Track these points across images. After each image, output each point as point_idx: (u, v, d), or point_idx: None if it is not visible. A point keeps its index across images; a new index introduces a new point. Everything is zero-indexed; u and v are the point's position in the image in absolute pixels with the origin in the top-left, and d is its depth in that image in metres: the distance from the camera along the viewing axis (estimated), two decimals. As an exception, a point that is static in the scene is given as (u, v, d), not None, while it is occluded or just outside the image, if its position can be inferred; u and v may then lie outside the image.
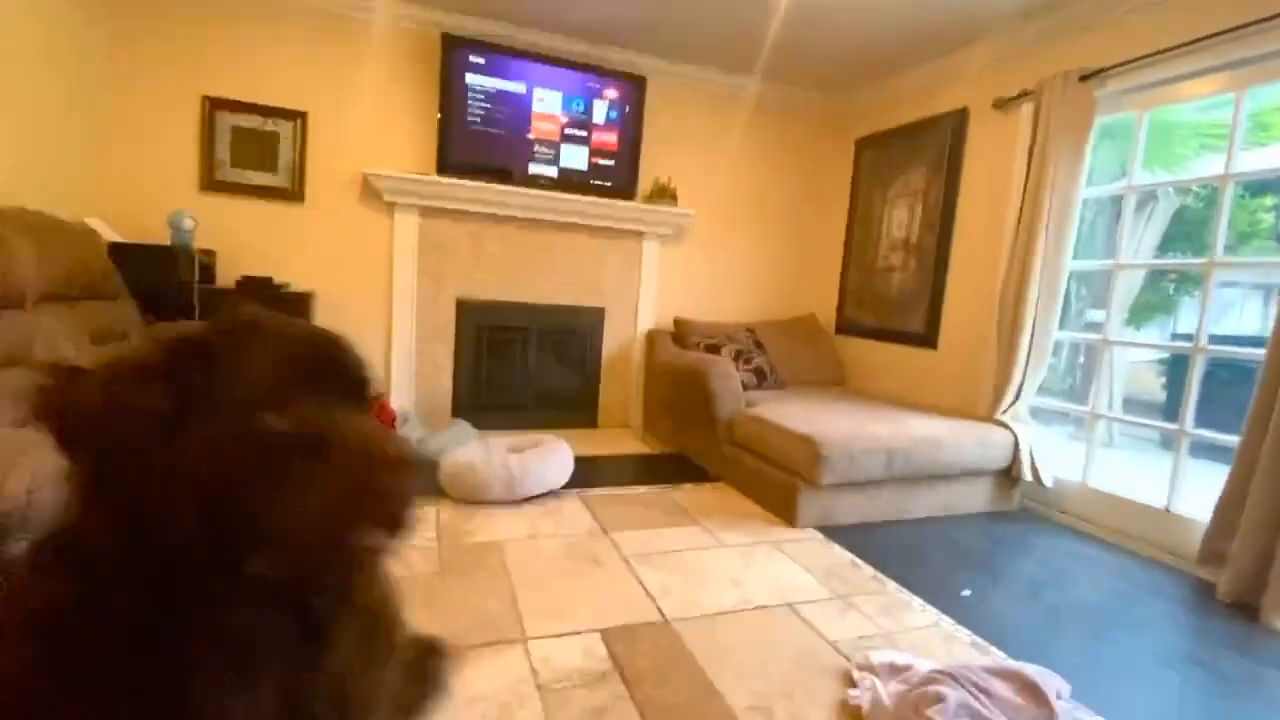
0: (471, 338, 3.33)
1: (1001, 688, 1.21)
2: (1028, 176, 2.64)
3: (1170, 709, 1.41)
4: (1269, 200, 4.67)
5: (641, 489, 2.62)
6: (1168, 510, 2.32)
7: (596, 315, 3.59)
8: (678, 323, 3.60)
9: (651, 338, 3.64)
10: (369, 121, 3.08)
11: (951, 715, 1.10)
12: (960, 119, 3.08)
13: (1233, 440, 2.04)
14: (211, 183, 2.90)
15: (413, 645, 0.80)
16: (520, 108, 3.20)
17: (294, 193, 3.01)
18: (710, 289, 3.86)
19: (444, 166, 3.09)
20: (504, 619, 1.54)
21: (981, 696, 1.16)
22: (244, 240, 2.93)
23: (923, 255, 3.28)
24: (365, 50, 3.03)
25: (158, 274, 2.50)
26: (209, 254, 2.78)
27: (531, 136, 3.24)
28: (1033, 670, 1.29)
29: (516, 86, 3.18)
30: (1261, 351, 1.96)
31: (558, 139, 3.28)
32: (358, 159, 3.06)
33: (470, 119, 3.12)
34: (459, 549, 1.91)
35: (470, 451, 2.48)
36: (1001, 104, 2.84)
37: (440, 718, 1.17)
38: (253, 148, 2.95)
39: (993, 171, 2.93)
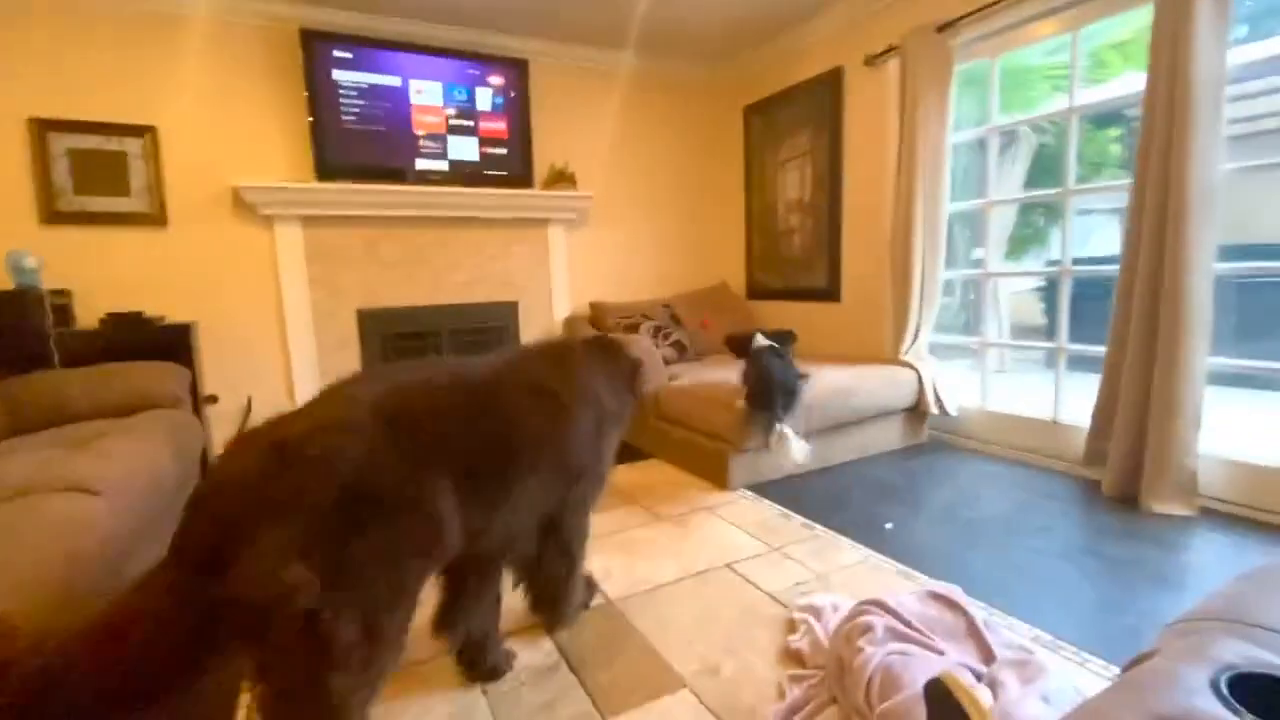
0: (379, 348, 3.18)
1: (920, 606, 1.30)
2: (901, 128, 2.78)
3: (1069, 596, 1.56)
4: (1114, 131, 5.15)
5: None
6: (1055, 421, 2.54)
7: (509, 309, 3.51)
8: (594, 306, 3.58)
9: (569, 325, 3.60)
10: (231, 131, 2.85)
11: (880, 640, 1.17)
12: (836, 78, 3.20)
13: (1101, 351, 2.25)
14: (53, 214, 2.60)
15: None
16: (398, 102, 3.05)
17: (155, 216, 2.75)
18: (622, 269, 3.86)
19: (323, 171, 2.91)
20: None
21: (904, 615, 1.23)
22: (103, 274, 2.66)
23: (818, 214, 3.40)
24: (212, 53, 2.79)
25: (3, 322, 2.23)
26: (63, 294, 2.51)
27: (415, 131, 3.10)
28: (943, 586, 1.39)
29: (391, 80, 3.02)
30: (1116, 268, 2.17)
31: (444, 131, 3.15)
32: (225, 172, 2.83)
33: (345, 118, 2.94)
34: (390, 567, 1.84)
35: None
36: (871, 60, 2.97)
37: (382, 742, 1.13)
38: (97, 171, 2.66)
39: (871, 126, 3.06)
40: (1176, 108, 1.91)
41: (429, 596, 1.16)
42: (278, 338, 2.99)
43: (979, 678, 1.13)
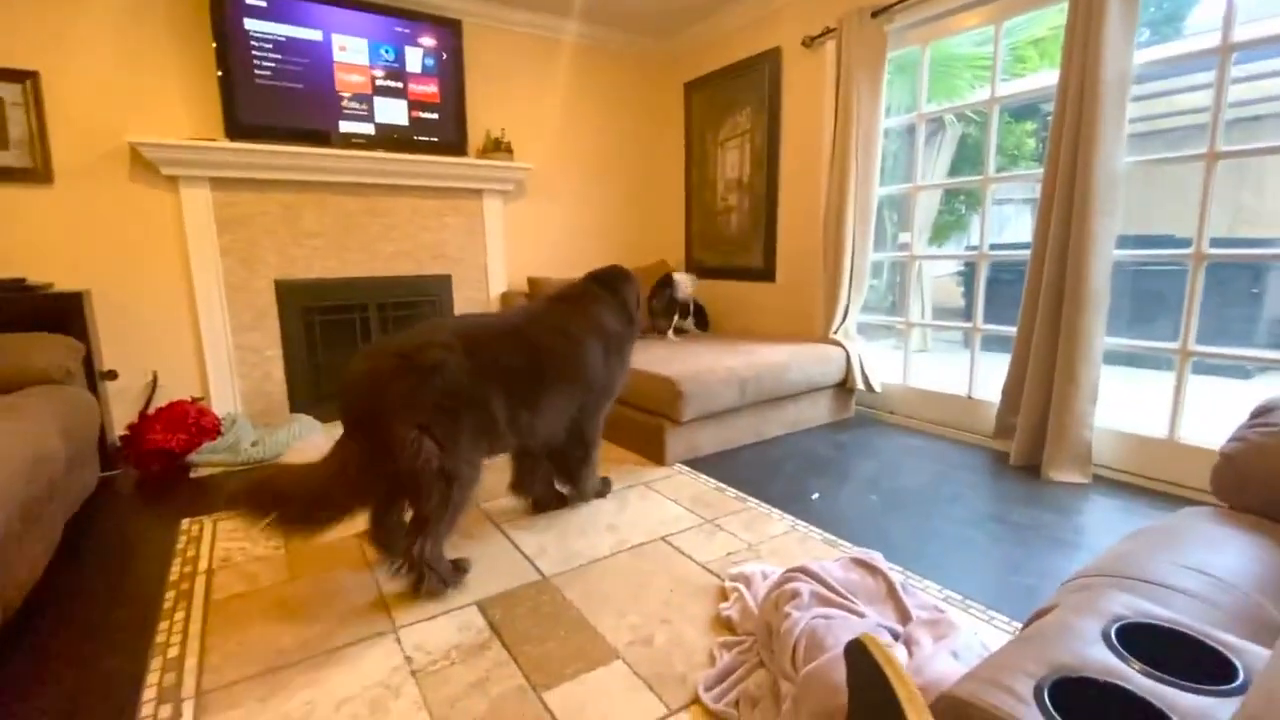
0: (300, 322, 3.00)
1: (843, 571, 1.36)
2: (837, 110, 2.84)
3: (977, 559, 1.67)
4: (1029, 125, 5.45)
5: (511, 454, 2.56)
6: (969, 397, 2.70)
7: (442, 283, 3.39)
8: (531, 283, 3.51)
9: (505, 300, 3.52)
10: (128, 81, 2.58)
11: (806, 605, 1.21)
12: (775, 58, 3.22)
13: (1012, 331, 2.40)
14: (-89, 166, 2.30)
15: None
16: (319, 58, 2.85)
17: (37, 172, 2.47)
18: (560, 244, 3.80)
19: (234, 130, 2.69)
20: (370, 613, 1.45)
21: (829, 581, 1.28)
22: (-23, 235, 2.38)
23: (755, 194, 3.44)
24: (103, -9, 2.51)
25: None
26: (-72, 257, 2.23)
27: (339, 91, 2.91)
28: (864, 553, 1.46)
29: (311, 34, 2.81)
30: (1028, 253, 2.30)
31: (370, 92, 2.98)
32: (120, 127, 2.57)
33: (259, 73, 2.72)
34: (311, 550, 1.76)
35: (315, 444, 2.28)
36: (809, 42, 3.00)
37: (303, 729, 1.09)
38: (-35, 118, 2.37)
39: (808, 108, 3.11)
40: (1085, 102, 2.03)
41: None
42: (186, 309, 2.77)
43: (896, 637, 1.20)
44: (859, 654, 0.58)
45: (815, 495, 2.09)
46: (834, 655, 1.05)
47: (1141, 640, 0.63)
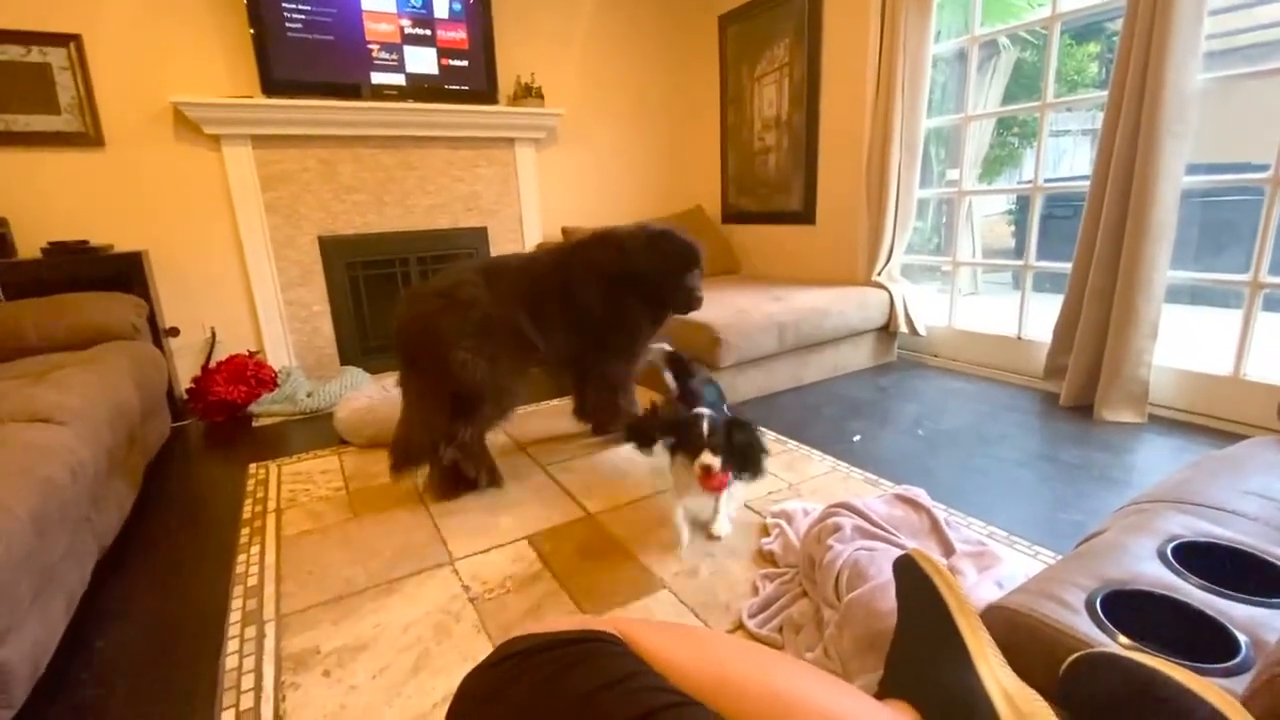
0: (344, 277, 3.08)
1: (886, 507, 1.36)
2: (882, 38, 2.68)
3: (1023, 497, 1.65)
4: (1092, 48, 5.06)
5: (554, 401, 2.62)
6: (1019, 337, 2.62)
7: (479, 235, 3.41)
8: (565, 232, 3.49)
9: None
10: (166, 41, 2.61)
11: (848, 539, 1.23)
12: (815, -16, 3.04)
13: (1066, 268, 2.29)
14: (-26, 135, 2.40)
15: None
16: (348, 7, 2.82)
17: (89, 136, 2.55)
18: (594, 191, 3.75)
19: (270, 86, 2.71)
20: (428, 547, 1.53)
21: (871, 516, 1.30)
22: (40, 201, 2.49)
23: (794, 131, 3.31)
24: (135, -52, 2.52)
25: (-65, 253, 2.09)
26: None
27: (368, 41, 2.89)
28: (905, 488, 1.46)
29: (337, -18, 2.78)
30: (1087, 184, 2.18)
31: (399, 41, 2.94)
32: (162, 87, 2.61)
33: (290, 26, 2.71)
34: (369, 492, 1.86)
35: (366, 394, 2.37)
36: (852, -36, 2.82)
37: (375, 649, 1.18)
38: (20, 85, 2.44)
39: (850, 36, 2.94)
40: (1158, 14, 1.87)
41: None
42: (237, 267, 2.87)
43: (939, 569, 1.21)
44: (908, 568, 0.59)
45: (856, 437, 2.09)
46: (877, 584, 1.06)
47: (1197, 560, 0.62)
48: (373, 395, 2.34)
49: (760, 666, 0.45)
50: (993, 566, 1.18)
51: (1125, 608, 0.55)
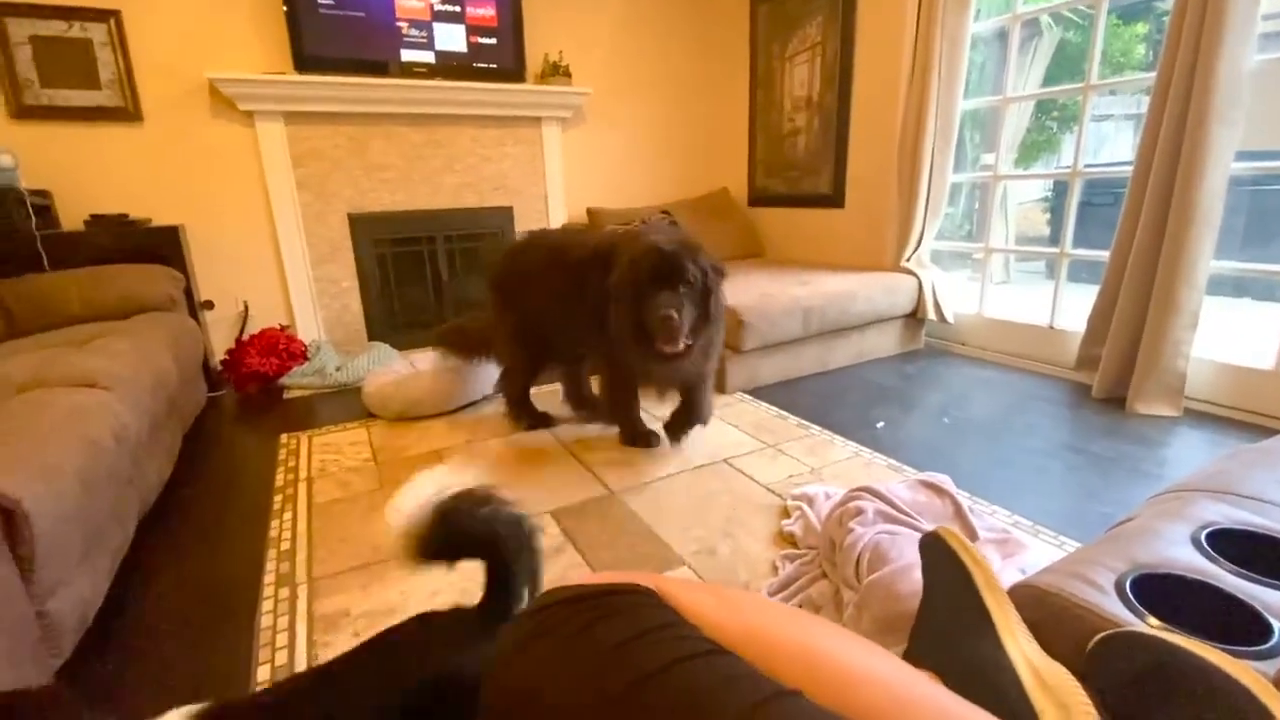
0: (372, 255, 3.12)
1: (909, 492, 1.36)
2: (919, 15, 2.61)
3: (1050, 487, 1.63)
4: (1140, 28, 4.86)
5: (575, 381, 2.63)
6: (1051, 327, 2.56)
7: (504, 215, 3.42)
8: (590, 213, 3.49)
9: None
10: (203, 15, 2.65)
11: (870, 522, 1.23)
12: (851, -40, 2.96)
13: (1104, 256, 2.23)
14: (22, 109, 2.46)
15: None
16: (378, -17, 2.82)
17: (128, 111, 2.61)
18: (619, 173, 3.74)
19: (301, 62, 2.74)
20: (453, 518, 1.56)
21: (894, 501, 1.29)
22: (83, 174, 2.56)
23: (825, 113, 3.25)
24: (173, -77, 2.54)
25: (-15, 223, 2.17)
26: (44, 195, 2.42)
27: (398, 18, 2.89)
28: (929, 474, 1.45)
29: (369, -43, 2.78)
30: (1129, 168, 2.11)
31: (429, 18, 2.94)
32: (198, 62, 2.66)
33: (322, 2, 2.73)
34: (397, 464, 1.90)
35: (394, 370, 2.41)
36: (890, -62, 2.74)
37: (402, 614, 1.21)
38: (63, 60, 2.50)
39: (886, 14, 2.87)
40: (1214, -10, 1.79)
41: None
42: (269, 242, 2.92)
43: (962, 555, 1.20)
44: (935, 545, 0.59)
45: (880, 424, 2.07)
46: (898, 566, 1.06)
47: (1232, 549, 0.61)
48: (400, 371, 2.38)
49: (794, 624, 0.45)
50: (1017, 554, 1.17)
51: (1156, 591, 0.55)
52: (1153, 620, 0.50)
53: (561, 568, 1.34)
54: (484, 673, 0.46)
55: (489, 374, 2.41)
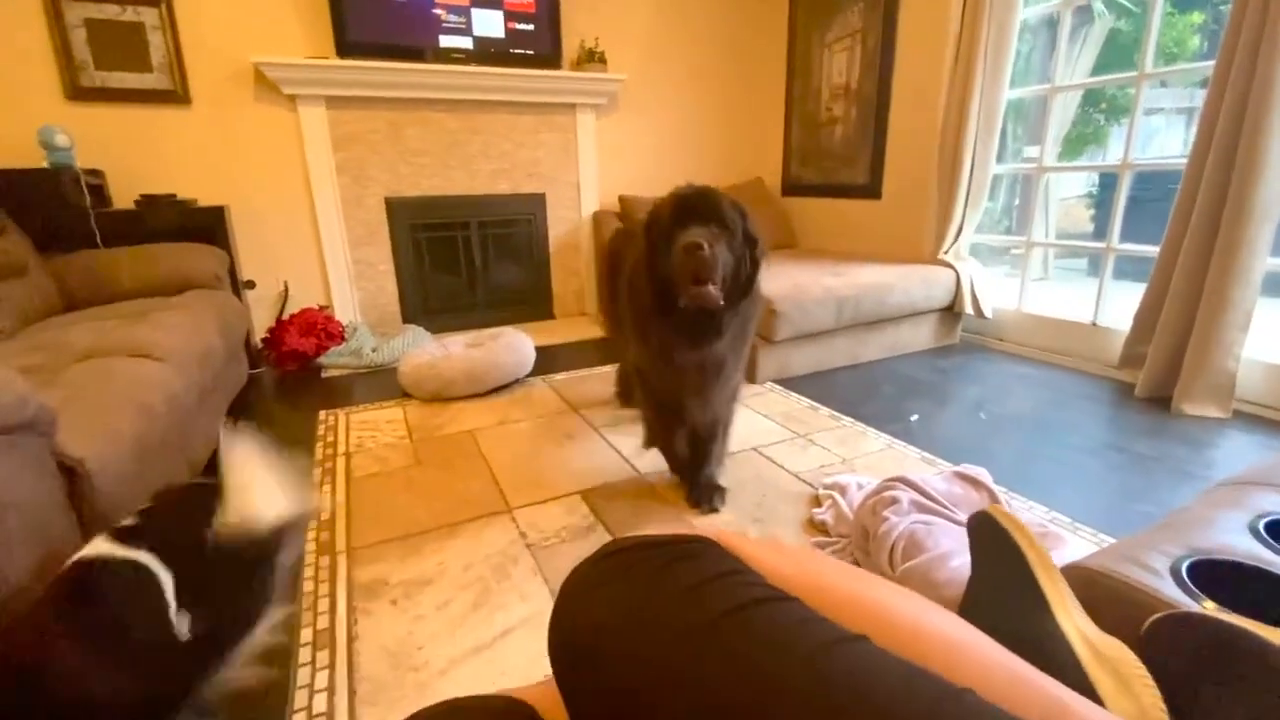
0: (408, 239, 3.17)
1: (945, 484, 1.34)
2: (965, 2, 2.54)
3: (1090, 485, 1.60)
4: (1196, 17, 4.66)
5: (606, 368, 2.65)
6: (1094, 324, 2.49)
7: (537, 202, 3.44)
8: (622, 201, 3.49)
9: (597, 220, 3.53)
10: (249, 1, 2.71)
11: (905, 512, 1.22)
12: (895, -56, 2.90)
13: (1153, 251, 2.16)
14: (78, 90, 2.55)
15: None
16: (419, -31, 2.85)
17: (178, 95, 2.69)
18: (652, 161, 3.73)
19: (344, 48, 2.78)
20: (487, 495, 1.59)
21: (929, 491, 1.28)
22: (133, 155, 2.65)
23: (864, 102, 3.20)
24: (224, -90, 2.60)
25: (42, 201, 2.26)
26: (97, 174, 2.51)
27: (437, 4, 2.92)
28: (966, 466, 1.42)
29: (410, -57, 2.81)
30: (1183, 160, 2.03)
31: (468, 3, 2.96)
32: (245, 47, 2.72)
33: (364, -13, 2.77)
34: (432, 442, 1.94)
35: (428, 351, 2.45)
36: (937, -78, 2.67)
37: (439, 584, 1.24)
38: (116, 43, 2.58)
39: (931, 1, 2.80)
40: (1283, -27, 1.71)
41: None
42: (309, 224, 2.99)
43: (998, 547, 1.19)
44: (985, 523, 0.59)
45: (914, 417, 2.05)
46: (935, 555, 1.06)
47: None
48: (435, 353, 2.42)
49: (854, 577, 0.46)
50: (1055, 548, 1.15)
51: (1211, 577, 0.54)
52: (1209, 604, 0.50)
53: (592, 546, 1.35)
54: (554, 614, 0.47)
55: (520, 357, 2.45)
